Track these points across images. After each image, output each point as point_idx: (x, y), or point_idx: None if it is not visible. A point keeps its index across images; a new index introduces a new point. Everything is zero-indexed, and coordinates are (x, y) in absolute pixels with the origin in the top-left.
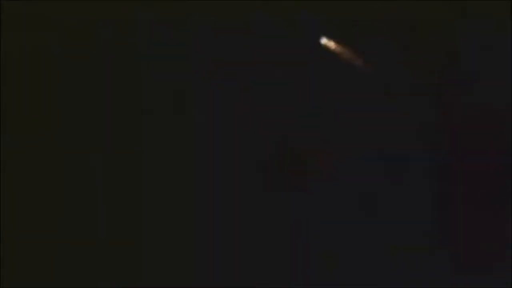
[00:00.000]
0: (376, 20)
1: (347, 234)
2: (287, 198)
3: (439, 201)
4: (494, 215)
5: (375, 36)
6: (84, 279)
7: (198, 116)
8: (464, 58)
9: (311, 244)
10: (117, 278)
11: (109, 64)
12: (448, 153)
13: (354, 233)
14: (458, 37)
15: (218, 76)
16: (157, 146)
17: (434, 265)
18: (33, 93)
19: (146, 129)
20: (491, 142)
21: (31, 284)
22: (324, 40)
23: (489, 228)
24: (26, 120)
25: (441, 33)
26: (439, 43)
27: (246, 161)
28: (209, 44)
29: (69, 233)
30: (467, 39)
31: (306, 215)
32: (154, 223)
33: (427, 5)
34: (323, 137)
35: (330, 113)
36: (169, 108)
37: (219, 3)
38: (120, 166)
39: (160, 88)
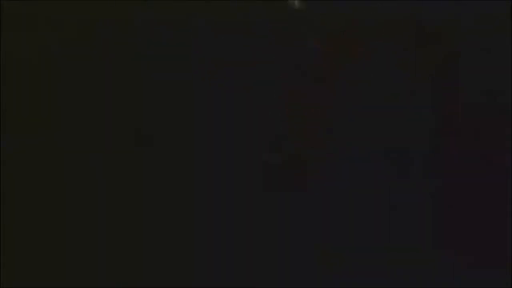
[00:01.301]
0: (377, 20)
1: (347, 234)
2: (287, 198)
3: (438, 201)
4: (495, 214)
5: (375, 36)
6: (84, 279)
7: (198, 116)
8: (464, 58)
9: (311, 243)
10: (118, 278)
11: (109, 64)
12: (448, 154)
13: (353, 233)
14: (458, 37)
15: (218, 76)
16: (157, 146)
17: (435, 265)
18: (33, 93)
19: (145, 128)
20: (491, 143)
21: (31, 284)
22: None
23: (489, 227)
24: (26, 120)
25: (441, 33)
26: (439, 43)
27: (246, 161)
28: (209, 44)
29: (69, 233)
30: (467, 39)
31: (306, 215)
32: (154, 223)
33: (427, 5)
34: (323, 137)
35: (330, 113)
36: (169, 108)
37: (219, 3)
38: (120, 166)
39: (160, 88)
